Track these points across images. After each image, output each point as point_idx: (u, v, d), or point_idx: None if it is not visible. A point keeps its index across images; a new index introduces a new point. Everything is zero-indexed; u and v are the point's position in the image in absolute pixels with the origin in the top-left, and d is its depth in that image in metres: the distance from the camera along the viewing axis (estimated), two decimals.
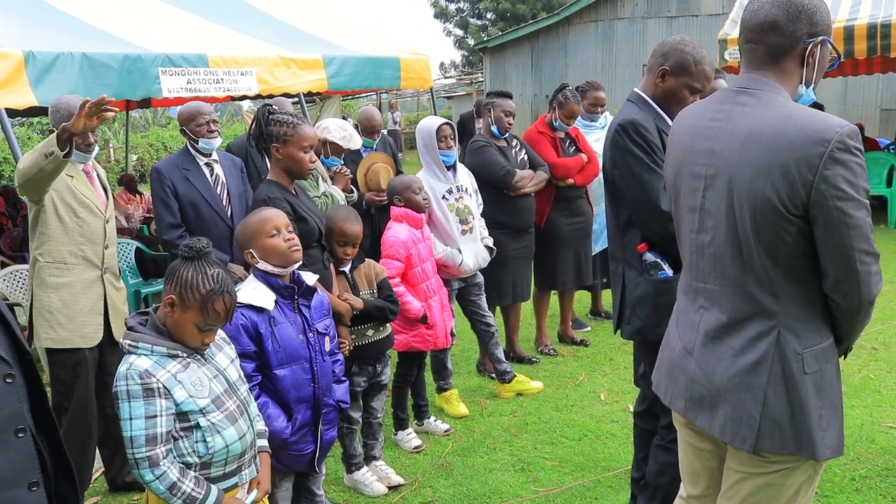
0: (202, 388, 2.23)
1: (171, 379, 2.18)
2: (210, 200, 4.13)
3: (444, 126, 4.64)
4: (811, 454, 1.93)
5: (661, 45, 2.91)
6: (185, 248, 2.23)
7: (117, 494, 3.98)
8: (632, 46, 18.21)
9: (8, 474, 1.73)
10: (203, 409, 2.22)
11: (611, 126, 2.97)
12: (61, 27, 5.24)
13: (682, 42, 2.85)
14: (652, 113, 2.89)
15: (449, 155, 4.63)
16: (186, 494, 2.18)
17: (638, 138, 2.81)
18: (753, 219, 1.89)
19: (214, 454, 2.25)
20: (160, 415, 2.14)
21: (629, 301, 2.95)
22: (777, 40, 1.95)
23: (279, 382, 2.84)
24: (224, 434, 2.26)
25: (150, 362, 2.17)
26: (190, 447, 2.22)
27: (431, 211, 4.56)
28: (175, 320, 2.22)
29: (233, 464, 2.33)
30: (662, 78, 2.86)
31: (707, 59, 2.84)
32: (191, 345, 2.25)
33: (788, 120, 1.85)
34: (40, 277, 3.57)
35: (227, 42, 6.23)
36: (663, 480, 3.04)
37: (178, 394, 2.18)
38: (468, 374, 5.46)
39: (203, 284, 2.19)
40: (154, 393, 2.14)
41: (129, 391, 2.13)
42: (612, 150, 2.92)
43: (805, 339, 1.93)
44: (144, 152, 22.44)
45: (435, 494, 3.84)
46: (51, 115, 3.60)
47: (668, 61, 2.84)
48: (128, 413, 2.13)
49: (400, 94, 25.45)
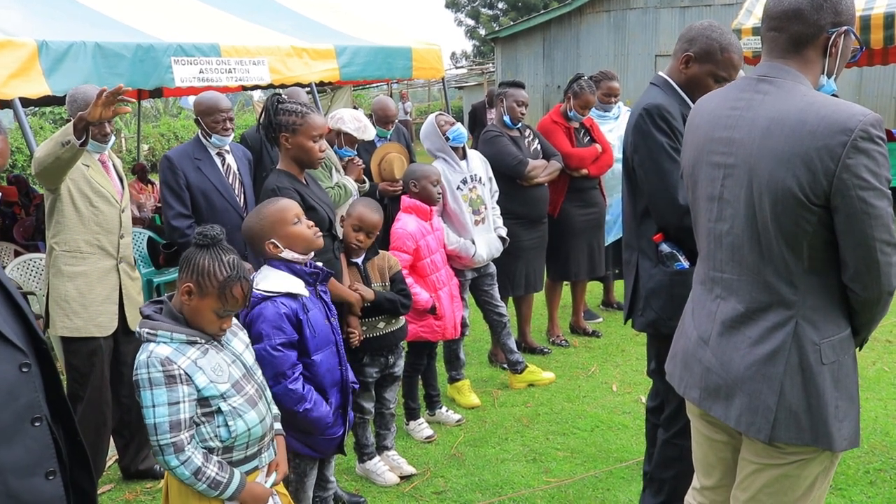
0: (222, 373, 2.25)
1: (192, 365, 2.19)
2: (222, 190, 4.13)
3: (437, 116, 4.68)
4: (827, 445, 1.92)
5: (688, 29, 2.79)
6: (198, 236, 2.25)
7: (131, 482, 4.00)
8: (644, 36, 18.12)
9: (25, 463, 1.73)
10: (224, 394, 2.24)
11: (634, 110, 2.86)
12: (75, 17, 5.25)
13: (710, 28, 2.74)
14: (677, 98, 2.80)
15: (456, 129, 4.62)
16: (211, 479, 2.20)
17: (662, 123, 2.72)
18: (773, 208, 1.87)
19: (237, 438, 2.27)
20: (183, 401, 2.16)
21: (643, 292, 2.89)
22: (800, 29, 1.93)
23: (316, 368, 2.84)
24: (245, 418, 2.28)
25: (171, 349, 2.18)
26: (212, 432, 2.24)
27: (446, 201, 4.55)
28: (193, 307, 2.23)
29: (254, 447, 2.36)
30: (686, 64, 2.77)
31: (735, 46, 2.72)
32: (209, 331, 2.27)
33: (810, 108, 1.83)
34: (56, 266, 3.58)
35: (240, 32, 6.23)
36: (669, 474, 3.01)
37: (199, 379, 2.20)
38: (480, 365, 5.46)
39: (220, 271, 2.21)
40: (176, 380, 2.15)
41: (151, 379, 2.14)
42: (633, 135, 2.83)
43: (823, 330, 1.91)
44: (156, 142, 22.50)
45: (447, 484, 3.85)
46: (68, 105, 3.61)
47: (692, 47, 2.74)
48: (150, 401, 2.14)
49: (411, 85, 25.40)
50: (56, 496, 1.80)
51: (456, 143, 4.62)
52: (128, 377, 3.82)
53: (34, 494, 1.75)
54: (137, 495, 3.89)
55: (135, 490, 3.94)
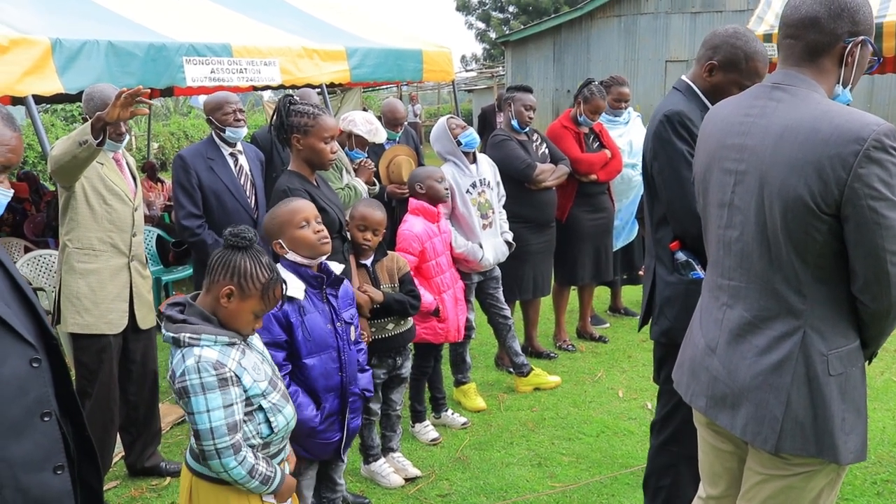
0: (259, 372, 2.29)
1: (238, 366, 2.22)
2: (234, 191, 4.15)
3: (448, 119, 4.67)
4: (833, 458, 1.91)
5: (712, 35, 2.70)
6: (232, 238, 2.25)
7: (136, 479, 4.02)
8: (655, 42, 18.11)
9: (34, 457, 1.74)
10: (264, 392, 2.27)
11: (654, 115, 2.79)
12: (88, 15, 5.27)
13: (735, 35, 2.63)
14: (699, 105, 2.72)
15: (468, 134, 4.62)
16: (263, 475, 2.24)
17: (682, 130, 2.65)
18: (784, 216, 1.86)
19: (276, 433, 2.31)
20: (236, 402, 2.18)
21: (658, 300, 2.84)
22: (816, 37, 1.92)
23: (308, 371, 2.85)
24: (284, 412, 2.33)
25: (217, 353, 2.18)
26: (254, 430, 2.26)
27: (455, 205, 4.56)
28: (233, 309, 2.24)
29: (284, 440, 2.41)
30: (710, 72, 2.69)
31: (760, 54, 2.63)
32: (244, 332, 2.29)
33: (824, 117, 1.82)
34: (69, 263, 3.59)
35: (251, 32, 6.25)
36: (664, 483, 2.97)
37: (246, 380, 2.22)
38: (486, 369, 5.46)
39: (262, 273, 2.24)
40: (228, 382, 2.17)
41: (204, 384, 2.13)
42: (653, 142, 2.75)
43: (831, 341, 1.90)
44: (166, 140, 22.57)
45: (451, 487, 3.85)
46: (84, 104, 3.62)
47: (717, 55, 2.66)
48: (204, 406, 2.13)
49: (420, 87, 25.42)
50: (64, 491, 1.81)
51: (468, 149, 4.63)
52: (136, 374, 3.85)
53: (42, 489, 1.76)
54: (143, 492, 3.90)
55: (140, 487, 3.95)
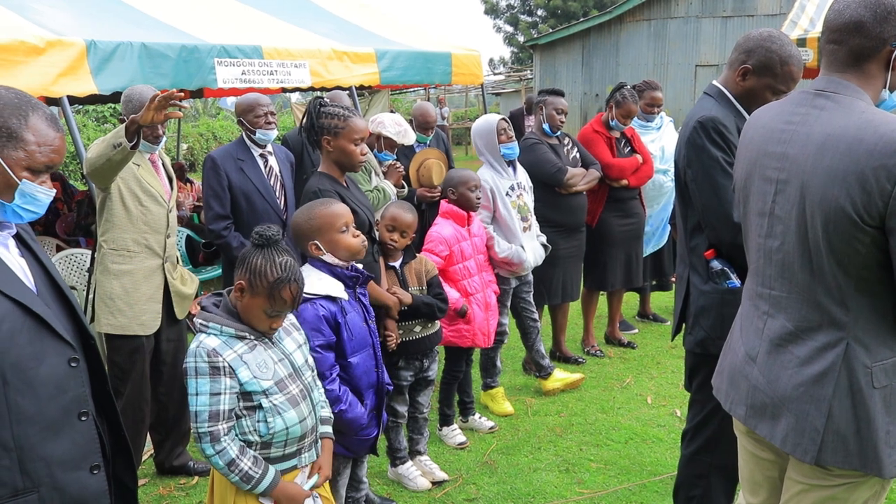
0: (266, 370, 2.29)
1: (237, 359, 2.24)
2: (263, 192, 4.17)
3: (500, 121, 4.63)
4: (877, 471, 1.87)
5: (745, 38, 2.64)
6: (255, 236, 2.29)
7: (164, 477, 4.05)
8: (685, 46, 17.96)
9: (71, 456, 1.76)
10: (266, 391, 2.27)
11: (687, 122, 2.74)
12: (122, 17, 5.33)
13: (769, 38, 2.57)
14: (732, 111, 2.67)
15: (511, 147, 4.61)
16: (244, 472, 2.24)
17: (717, 137, 2.60)
18: (825, 227, 1.82)
19: (274, 435, 2.30)
20: (224, 392, 2.21)
21: (693, 310, 2.79)
22: (861, 42, 1.88)
23: (353, 370, 2.88)
24: (285, 416, 2.31)
25: (219, 342, 2.24)
26: (252, 426, 2.28)
27: (496, 208, 4.55)
28: (244, 305, 2.28)
29: (292, 446, 2.38)
30: (743, 77, 2.63)
31: (795, 58, 2.57)
32: (259, 329, 2.31)
33: (868, 126, 1.78)
34: (103, 264, 3.63)
35: (282, 34, 6.28)
36: (696, 493, 2.91)
37: (243, 373, 2.24)
38: (514, 373, 5.43)
39: (271, 272, 2.24)
40: (219, 371, 2.21)
41: (197, 368, 2.21)
42: (686, 149, 2.70)
43: (875, 353, 1.86)
44: (195, 142, 22.76)
45: (479, 492, 3.83)
46: (123, 105, 3.65)
47: (750, 59, 2.60)
48: (194, 389, 2.21)
49: (448, 90, 25.45)
50: (100, 490, 1.83)
51: (506, 159, 4.63)
52: (167, 375, 3.87)
53: (79, 487, 1.78)
54: (171, 490, 3.92)
55: (168, 485, 3.97)
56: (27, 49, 4.11)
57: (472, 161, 5.02)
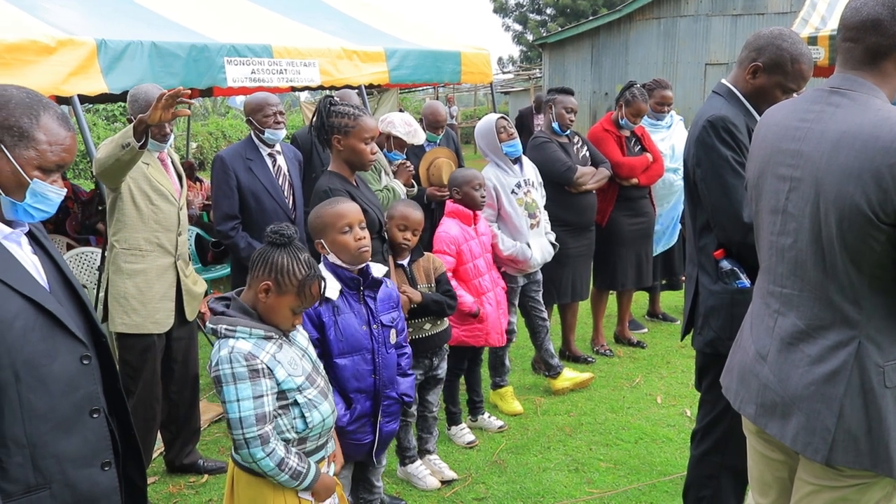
0: (296, 367, 2.31)
1: (272, 359, 2.25)
2: (272, 191, 4.17)
3: (499, 120, 4.63)
4: (888, 472, 1.86)
5: (755, 36, 2.63)
6: (273, 235, 2.29)
7: (174, 476, 4.06)
8: (694, 45, 17.90)
9: (83, 453, 1.77)
10: (300, 387, 2.29)
11: (696, 120, 2.72)
12: (132, 16, 5.34)
13: (780, 36, 2.56)
14: (742, 110, 2.65)
15: (513, 144, 4.60)
16: (293, 469, 2.26)
17: (727, 136, 2.57)
18: (840, 225, 1.81)
19: (312, 429, 2.33)
20: (266, 394, 2.21)
21: (702, 309, 2.77)
22: (878, 40, 1.86)
23: (339, 371, 2.85)
24: (320, 409, 2.34)
25: (251, 345, 2.23)
26: (288, 424, 2.29)
27: (501, 205, 4.54)
28: (270, 304, 2.28)
29: (323, 437, 2.42)
30: (753, 74, 2.61)
31: (806, 56, 2.55)
32: (283, 327, 2.32)
33: (884, 123, 1.76)
34: (116, 264, 3.63)
35: (292, 33, 6.28)
36: (705, 493, 2.90)
37: (279, 373, 2.25)
38: (523, 372, 5.43)
39: (299, 269, 2.27)
40: (259, 374, 2.21)
41: (235, 374, 2.19)
42: (696, 147, 2.67)
43: (888, 352, 1.84)
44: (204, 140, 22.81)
45: (488, 491, 3.83)
46: (129, 105, 3.66)
47: (761, 56, 2.57)
48: (234, 395, 2.18)
49: (457, 89, 25.42)
50: (111, 487, 1.84)
51: (509, 157, 4.62)
52: (178, 374, 3.88)
53: (90, 484, 1.78)
54: (181, 489, 3.93)
55: (178, 484, 3.98)
56: (38, 48, 4.11)
57: (481, 160, 5.01)
